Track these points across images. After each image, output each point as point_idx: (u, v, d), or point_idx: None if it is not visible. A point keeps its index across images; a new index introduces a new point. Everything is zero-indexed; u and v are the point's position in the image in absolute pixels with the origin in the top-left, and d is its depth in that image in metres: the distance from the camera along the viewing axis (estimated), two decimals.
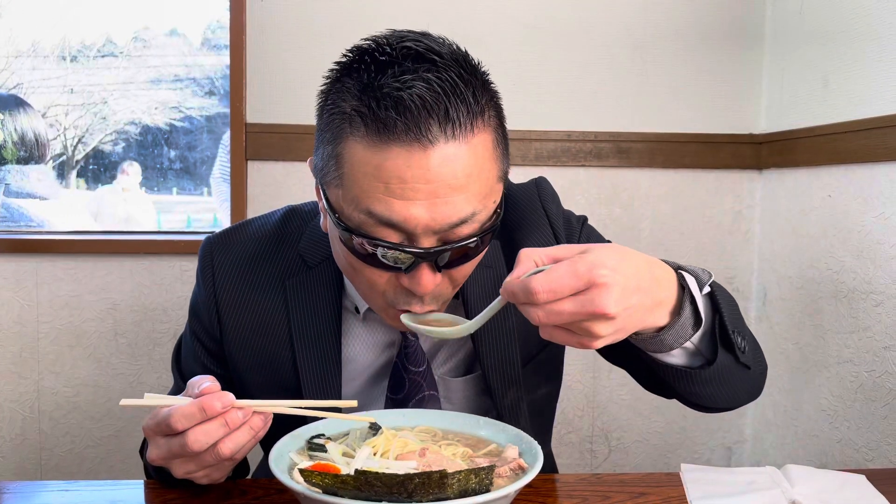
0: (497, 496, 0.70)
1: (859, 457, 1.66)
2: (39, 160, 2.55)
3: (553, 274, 0.71)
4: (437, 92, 0.77)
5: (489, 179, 0.83)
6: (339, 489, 0.69)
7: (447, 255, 0.83)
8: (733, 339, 0.86)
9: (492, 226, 0.86)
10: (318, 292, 1.01)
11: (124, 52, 2.73)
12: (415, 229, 0.80)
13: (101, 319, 2.02)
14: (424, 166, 0.77)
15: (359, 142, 0.79)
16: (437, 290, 0.87)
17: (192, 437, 0.76)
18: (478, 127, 0.81)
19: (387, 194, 0.78)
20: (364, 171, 0.79)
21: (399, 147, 0.77)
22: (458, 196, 0.79)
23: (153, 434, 0.81)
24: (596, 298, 0.70)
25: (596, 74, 2.07)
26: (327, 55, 2.19)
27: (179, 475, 0.81)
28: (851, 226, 1.69)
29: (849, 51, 1.71)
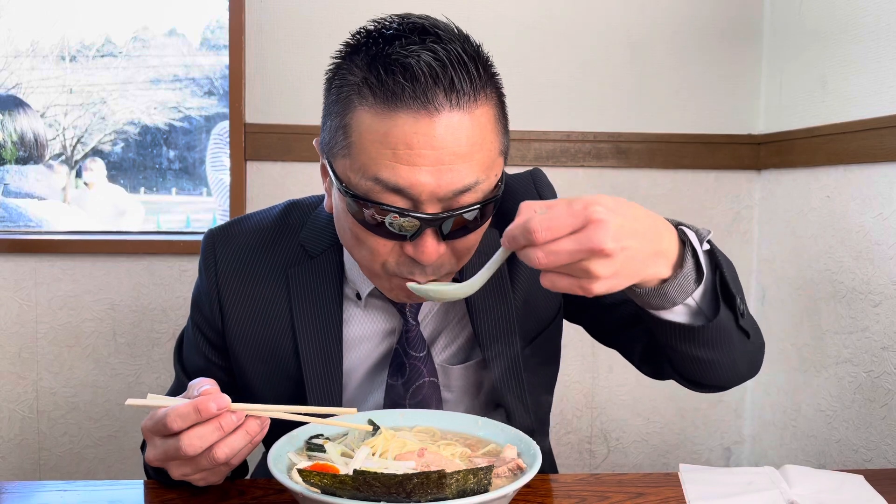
0: (495, 496, 0.71)
1: (858, 457, 1.66)
2: (38, 160, 2.55)
3: (550, 213, 0.72)
4: (444, 62, 0.80)
5: (491, 151, 0.86)
6: (337, 489, 0.69)
7: (451, 223, 0.85)
8: (735, 294, 0.86)
9: (493, 196, 0.88)
10: (320, 280, 1.02)
11: (123, 52, 2.73)
12: (420, 195, 0.82)
13: (100, 319, 2.02)
14: (430, 133, 0.80)
15: (367, 110, 0.82)
16: (440, 260, 0.88)
17: (186, 440, 0.76)
18: (481, 99, 0.84)
19: (394, 160, 0.80)
20: (372, 138, 0.81)
21: (406, 114, 0.80)
22: (462, 164, 0.82)
23: (151, 434, 0.81)
24: (593, 235, 0.71)
25: (595, 75, 2.07)
26: (326, 55, 2.19)
27: (176, 477, 0.81)
28: (850, 226, 1.69)
29: (847, 51, 1.72)
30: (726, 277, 0.86)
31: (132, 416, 2.04)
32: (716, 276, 0.86)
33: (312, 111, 2.02)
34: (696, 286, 0.84)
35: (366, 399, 1.07)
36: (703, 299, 0.86)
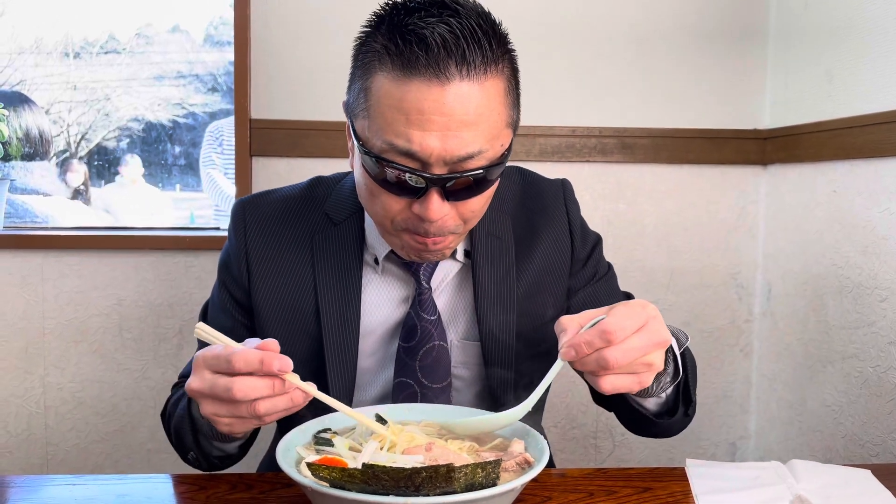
0: (504, 490, 0.71)
1: (864, 452, 1.66)
2: (43, 157, 2.56)
3: (617, 317, 0.81)
4: (457, 35, 0.86)
5: (498, 122, 0.92)
6: (346, 483, 0.69)
7: (455, 184, 0.91)
8: (693, 397, 1.02)
9: (498, 164, 0.94)
10: (343, 245, 1.09)
11: (127, 49, 2.74)
12: (428, 158, 0.88)
13: (107, 315, 2.03)
14: (440, 100, 0.86)
15: (385, 76, 0.88)
16: (444, 221, 0.94)
17: (239, 383, 0.79)
18: (491, 72, 0.89)
19: (406, 125, 0.87)
20: (388, 103, 0.88)
21: (419, 81, 0.86)
22: (468, 132, 0.88)
23: (203, 366, 0.83)
24: (659, 329, 0.83)
25: (600, 70, 2.07)
26: (332, 51, 2.19)
27: (206, 413, 0.84)
28: (856, 221, 1.69)
29: (853, 45, 1.71)
30: (690, 382, 1.01)
31: (139, 411, 2.05)
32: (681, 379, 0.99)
33: (318, 106, 2.03)
34: (671, 384, 0.96)
35: (379, 361, 1.11)
36: (671, 394, 1.00)
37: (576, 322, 0.84)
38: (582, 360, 0.82)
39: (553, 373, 0.86)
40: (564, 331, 0.84)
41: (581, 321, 0.84)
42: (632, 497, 0.94)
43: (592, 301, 1.16)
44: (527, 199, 1.17)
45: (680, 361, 0.95)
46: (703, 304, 2.16)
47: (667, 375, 0.94)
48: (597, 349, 0.80)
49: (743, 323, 2.18)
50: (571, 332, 0.83)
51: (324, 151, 2.00)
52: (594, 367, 0.81)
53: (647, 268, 2.13)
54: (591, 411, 2.14)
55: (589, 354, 0.81)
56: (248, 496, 0.91)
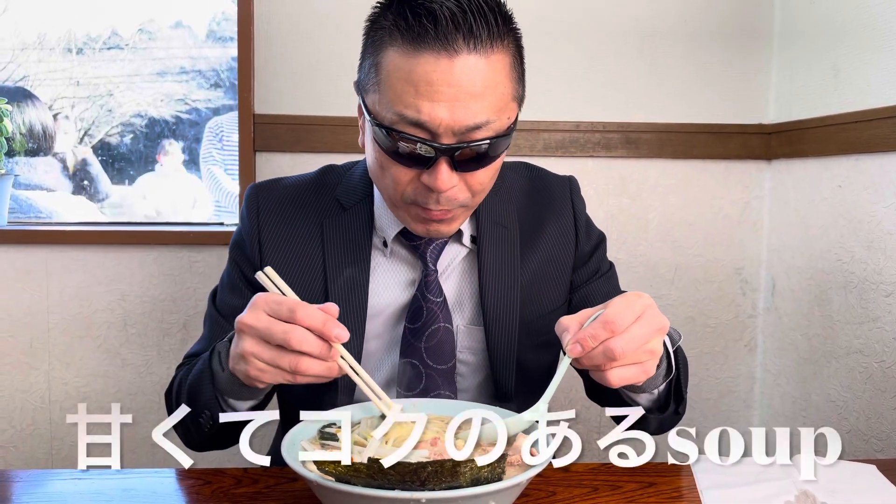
0: (509, 484, 0.71)
1: (868, 447, 1.66)
2: (47, 152, 2.56)
3: (616, 307, 0.83)
4: (464, 10, 0.90)
5: (504, 95, 0.96)
6: (352, 477, 0.69)
7: (462, 155, 0.94)
8: (684, 395, 1.04)
9: (504, 135, 0.97)
10: (352, 229, 1.12)
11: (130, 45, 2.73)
12: (437, 128, 0.91)
13: (111, 310, 2.03)
14: (449, 72, 0.90)
15: (396, 50, 0.92)
16: (453, 192, 0.97)
17: (297, 333, 0.81)
18: (497, 47, 0.93)
19: (416, 96, 0.91)
20: (398, 76, 0.92)
21: (428, 54, 0.90)
22: (475, 103, 0.92)
23: (263, 307, 0.84)
24: (657, 315, 0.85)
25: (604, 65, 2.06)
26: (336, 45, 2.19)
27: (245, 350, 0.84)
28: (862, 216, 1.68)
29: (859, 40, 1.70)
30: (681, 380, 1.02)
31: (143, 405, 2.06)
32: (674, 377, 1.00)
33: (322, 101, 2.03)
34: (664, 381, 0.99)
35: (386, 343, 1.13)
36: (663, 391, 1.01)
37: (576, 320, 0.86)
38: (589, 354, 0.83)
39: (561, 372, 0.87)
40: (567, 329, 0.86)
41: (581, 319, 0.86)
42: (637, 492, 0.94)
43: (593, 297, 1.18)
44: (533, 192, 1.19)
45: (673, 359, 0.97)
46: (707, 299, 2.16)
47: (660, 372, 0.96)
48: (602, 341, 0.82)
49: (747, 318, 2.17)
50: (573, 329, 0.85)
51: (327, 146, 2.00)
52: (601, 360, 0.83)
53: (652, 263, 2.13)
54: (594, 406, 2.14)
55: (595, 347, 0.82)
56: (254, 490, 0.91)
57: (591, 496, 0.92)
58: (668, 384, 1.01)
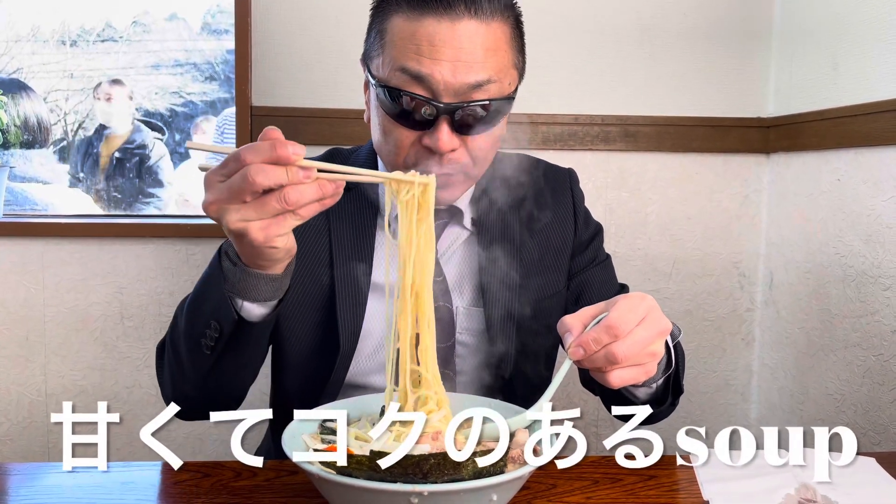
0: (511, 477, 0.71)
1: (866, 441, 1.66)
2: (42, 145, 2.55)
3: (620, 311, 0.82)
4: None
5: (504, 60, 1.00)
6: (353, 470, 0.69)
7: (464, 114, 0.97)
8: (682, 387, 1.05)
9: (505, 99, 1.00)
10: (358, 206, 1.12)
11: (124, 37, 2.71)
12: (438, 85, 0.95)
13: (108, 303, 2.02)
14: (450, 33, 0.95)
15: (400, 15, 0.98)
16: (454, 155, 1.00)
17: (254, 168, 0.74)
18: (497, 17, 0.98)
19: (418, 53, 0.95)
20: (402, 35, 0.97)
21: (431, 17, 0.95)
22: (476, 62, 0.96)
23: (213, 180, 0.79)
24: (660, 318, 0.84)
25: (604, 58, 2.06)
26: (334, 38, 2.17)
27: (234, 224, 0.78)
28: (860, 210, 1.68)
29: (859, 34, 1.70)
30: (680, 376, 1.04)
31: (140, 399, 2.05)
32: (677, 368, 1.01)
33: (320, 93, 2.02)
34: (663, 376, 0.99)
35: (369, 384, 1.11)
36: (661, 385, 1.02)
37: (579, 321, 0.85)
38: (591, 357, 0.83)
39: (562, 373, 0.87)
40: (569, 330, 0.84)
41: (584, 320, 0.85)
42: (637, 484, 0.94)
43: (591, 285, 1.20)
44: (534, 180, 1.21)
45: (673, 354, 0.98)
46: (705, 292, 2.16)
47: (659, 367, 0.96)
48: (604, 345, 0.81)
49: (745, 312, 2.17)
50: (576, 331, 0.84)
51: (325, 139, 1.99)
52: (602, 363, 0.83)
53: (650, 256, 2.13)
54: (592, 399, 2.14)
55: (597, 351, 0.82)
56: (253, 484, 0.91)
57: (591, 489, 0.92)
58: (667, 379, 1.01)
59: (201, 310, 0.94)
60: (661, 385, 1.02)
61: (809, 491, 0.90)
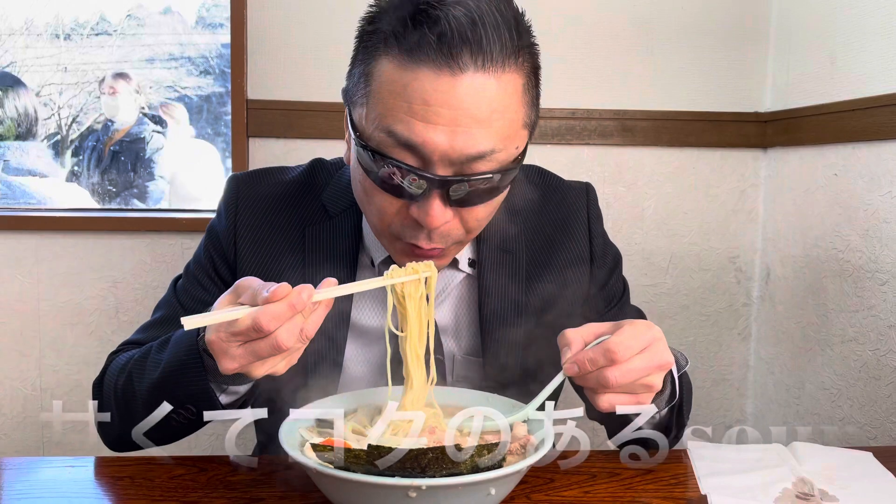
0: (509, 472, 0.70)
1: (862, 435, 1.66)
2: (35, 138, 2.53)
3: (622, 336, 0.79)
4: (475, 20, 0.78)
5: (514, 122, 0.84)
6: (351, 464, 0.68)
7: (460, 189, 0.82)
8: (685, 420, 1.01)
9: (510, 169, 0.86)
10: (337, 241, 1.01)
11: (118, 31, 2.69)
12: (432, 154, 0.80)
13: (103, 297, 2.01)
14: (450, 92, 0.78)
15: (391, 60, 0.80)
16: (447, 228, 0.87)
17: (283, 334, 0.74)
18: (510, 66, 0.81)
19: (409, 114, 0.79)
20: (391, 88, 0.80)
21: (428, 69, 0.78)
22: (479, 129, 0.80)
23: (226, 345, 0.76)
24: (662, 352, 0.81)
25: (601, 52, 2.05)
26: (330, 31, 2.16)
27: (260, 374, 0.78)
28: (857, 204, 1.68)
29: (856, 28, 1.69)
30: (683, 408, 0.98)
31: None
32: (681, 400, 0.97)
33: (315, 87, 2.01)
34: (667, 405, 0.94)
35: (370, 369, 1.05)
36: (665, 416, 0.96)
37: (580, 337, 0.83)
38: (583, 376, 0.82)
39: (552, 385, 0.86)
40: (568, 345, 0.83)
41: (585, 337, 0.83)
42: (635, 479, 0.93)
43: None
44: (546, 208, 1.08)
45: (678, 385, 0.93)
46: (702, 287, 2.16)
47: (663, 397, 0.93)
48: (599, 367, 0.80)
49: (741, 307, 2.17)
50: (575, 347, 0.83)
51: (320, 133, 1.98)
52: (594, 385, 0.82)
53: (647, 251, 2.13)
54: None
55: (591, 371, 0.81)
56: (250, 478, 0.90)
57: (589, 483, 0.92)
58: (671, 409, 0.96)
59: (173, 395, 0.86)
60: (665, 416, 0.96)
61: (807, 485, 0.90)
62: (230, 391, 0.90)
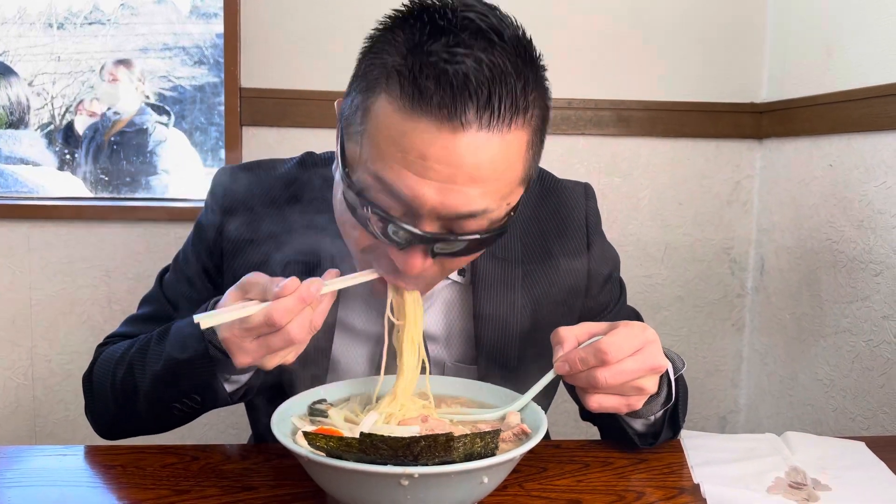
0: (502, 460, 0.70)
1: (855, 425, 1.67)
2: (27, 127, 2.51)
3: (615, 337, 0.79)
4: (485, 75, 0.72)
5: (512, 181, 0.79)
6: (343, 452, 0.68)
7: (444, 245, 0.79)
8: (681, 423, 1.00)
9: (500, 228, 0.82)
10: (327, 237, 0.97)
11: (112, 20, 2.67)
12: (420, 209, 0.76)
13: (95, 286, 2.00)
14: (449, 148, 0.73)
15: (391, 102, 0.74)
16: (424, 273, 0.83)
17: (295, 328, 0.76)
18: (517, 123, 0.75)
19: (403, 165, 0.74)
20: (387, 133, 0.75)
21: (429, 121, 0.72)
22: (474, 188, 0.75)
23: (240, 341, 0.78)
24: (655, 354, 0.81)
25: (597, 42, 2.04)
26: (323, 19, 2.15)
27: (272, 366, 0.80)
28: (852, 195, 1.68)
29: (852, 19, 1.69)
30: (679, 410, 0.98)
31: None
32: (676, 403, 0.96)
33: (308, 75, 2.00)
34: (662, 409, 0.94)
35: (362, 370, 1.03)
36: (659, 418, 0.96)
37: (573, 336, 0.83)
38: (574, 375, 0.82)
39: (542, 383, 0.86)
40: (561, 343, 0.83)
41: (579, 336, 0.83)
42: (628, 468, 0.93)
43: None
44: (542, 213, 1.05)
45: (674, 387, 0.92)
46: (696, 278, 2.16)
47: (659, 399, 0.92)
48: (590, 367, 0.80)
49: (735, 297, 2.18)
50: (567, 346, 0.82)
51: (314, 122, 1.97)
52: (584, 384, 0.82)
53: (641, 242, 2.13)
54: None
55: (581, 371, 0.81)
56: (242, 467, 0.90)
57: (582, 472, 0.92)
58: (665, 412, 0.95)
59: (176, 386, 0.89)
60: (660, 418, 0.95)
61: (799, 474, 0.90)
62: (233, 380, 0.91)
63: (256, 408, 1.09)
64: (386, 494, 0.68)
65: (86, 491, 0.85)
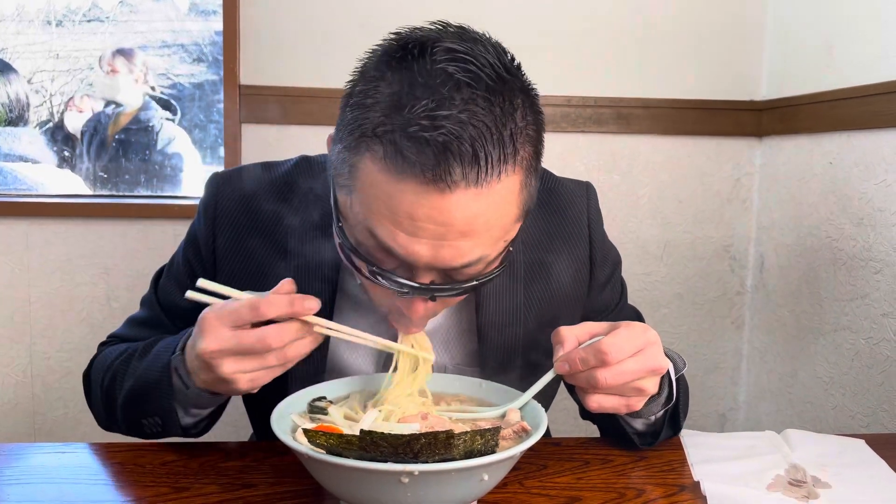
0: (502, 457, 0.70)
1: (854, 423, 1.67)
2: (26, 124, 2.51)
3: (616, 338, 0.79)
4: (469, 134, 0.69)
5: (506, 225, 0.77)
6: (344, 450, 0.68)
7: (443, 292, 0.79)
8: (681, 423, 1.01)
9: (497, 268, 0.82)
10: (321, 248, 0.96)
11: (110, 18, 2.67)
12: (416, 264, 0.75)
13: (94, 284, 2.00)
14: (438, 208, 0.71)
15: (375, 163, 0.72)
16: (428, 312, 0.83)
17: (272, 332, 0.75)
18: (506, 172, 0.72)
19: (393, 224, 0.73)
20: (375, 193, 0.73)
21: (415, 183, 0.70)
22: (467, 241, 0.74)
23: (219, 324, 0.77)
24: (656, 355, 0.82)
25: (597, 39, 2.04)
26: (322, 16, 2.14)
27: (227, 372, 0.77)
28: (852, 193, 1.68)
29: (853, 16, 1.69)
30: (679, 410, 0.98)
31: None
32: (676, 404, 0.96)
33: (308, 72, 1.99)
34: (663, 409, 0.93)
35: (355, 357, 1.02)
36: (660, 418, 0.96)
37: (574, 336, 0.83)
38: (574, 375, 0.81)
39: (542, 382, 0.86)
40: (561, 343, 0.82)
41: (579, 336, 0.83)
42: (628, 465, 0.93)
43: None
44: (544, 213, 1.03)
45: (675, 388, 0.92)
46: (695, 276, 2.16)
47: (660, 400, 0.91)
48: (590, 367, 0.79)
49: (735, 295, 2.18)
50: (568, 345, 0.82)
51: (313, 119, 1.97)
52: (584, 384, 0.81)
53: (641, 239, 2.12)
54: None
55: (581, 371, 0.80)
56: (242, 464, 0.90)
57: (582, 469, 0.92)
58: (665, 412, 0.95)
59: (144, 408, 0.90)
60: (660, 418, 0.95)
61: (799, 472, 0.90)
62: (192, 413, 0.92)
63: (256, 405, 1.09)
64: (386, 492, 0.68)
65: (85, 488, 0.85)
